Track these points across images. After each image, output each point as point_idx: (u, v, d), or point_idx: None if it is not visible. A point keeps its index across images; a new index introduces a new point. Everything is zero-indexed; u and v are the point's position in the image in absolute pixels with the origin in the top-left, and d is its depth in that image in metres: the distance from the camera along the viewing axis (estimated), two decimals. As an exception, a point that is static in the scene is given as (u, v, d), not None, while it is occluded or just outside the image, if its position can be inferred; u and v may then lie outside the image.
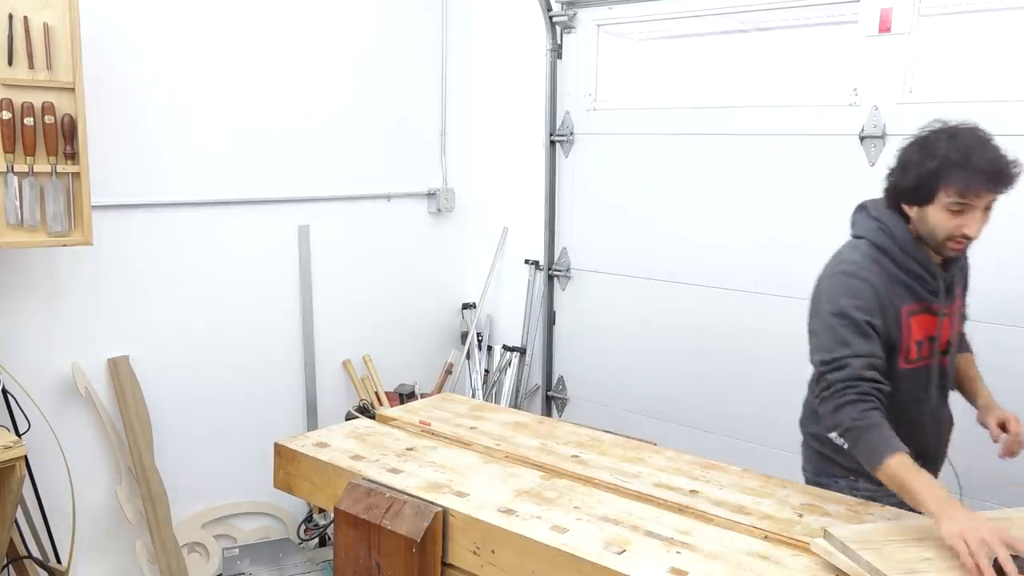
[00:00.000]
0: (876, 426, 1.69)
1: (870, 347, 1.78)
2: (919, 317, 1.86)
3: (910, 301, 1.84)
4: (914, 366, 1.88)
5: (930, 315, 1.86)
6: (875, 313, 1.79)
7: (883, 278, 1.83)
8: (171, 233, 3.05)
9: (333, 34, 3.47)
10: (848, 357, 1.77)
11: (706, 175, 3.25)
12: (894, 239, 1.85)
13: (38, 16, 2.41)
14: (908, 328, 1.85)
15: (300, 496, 2.22)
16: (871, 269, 1.83)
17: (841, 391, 1.75)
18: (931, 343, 1.89)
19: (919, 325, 1.86)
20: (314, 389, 3.58)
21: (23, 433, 2.64)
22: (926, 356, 1.89)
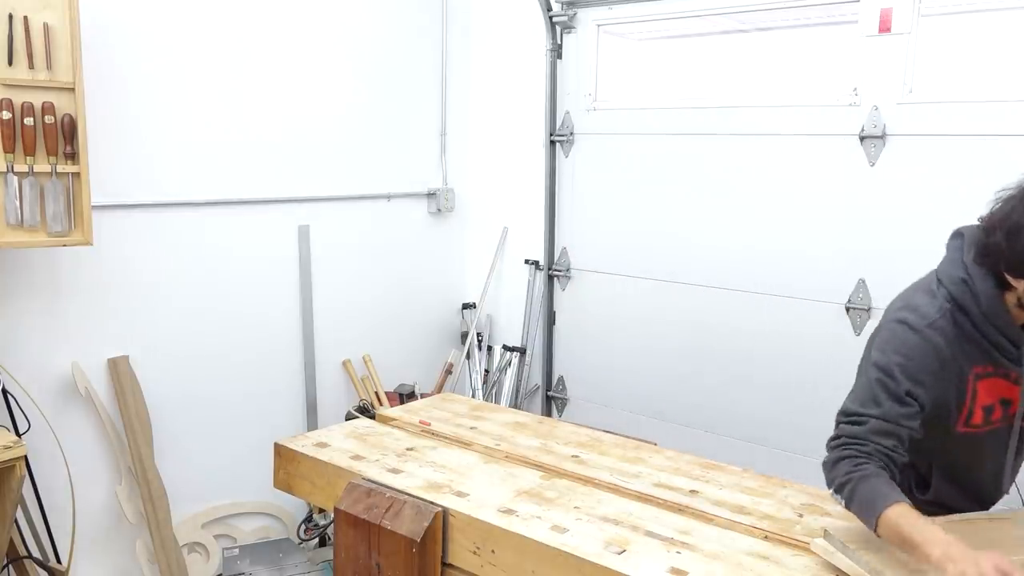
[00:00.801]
0: (872, 477, 1.57)
1: (899, 413, 1.62)
2: (990, 381, 1.68)
3: (982, 363, 1.67)
4: (978, 431, 1.72)
5: (1005, 380, 1.69)
6: (924, 380, 1.63)
7: (952, 336, 1.65)
8: (171, 233, 3.05)
9: (333, 34, 3.47)
10: (871, 417, 1.63)
11: (706, 175, 3.25)
12: (977, 303, 1.63)
13: (38, 16, 2.41)
14: (973, 392, 1.69)
15: (300, 496, 2.22)
16: (938, 326, 1.65)
17: (846, 445, 1.63)
18: (1004, 407, 1.72)
19: (988, 389, 1.69)
20: (314, 389, 3.58)
21: (23, 433, 2.64)
22: (997, 420, 1.73)
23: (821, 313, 2.97)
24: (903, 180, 2.76)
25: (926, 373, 1.63)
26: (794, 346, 3.06)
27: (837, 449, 1.63)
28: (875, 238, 2.83)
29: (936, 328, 1.64)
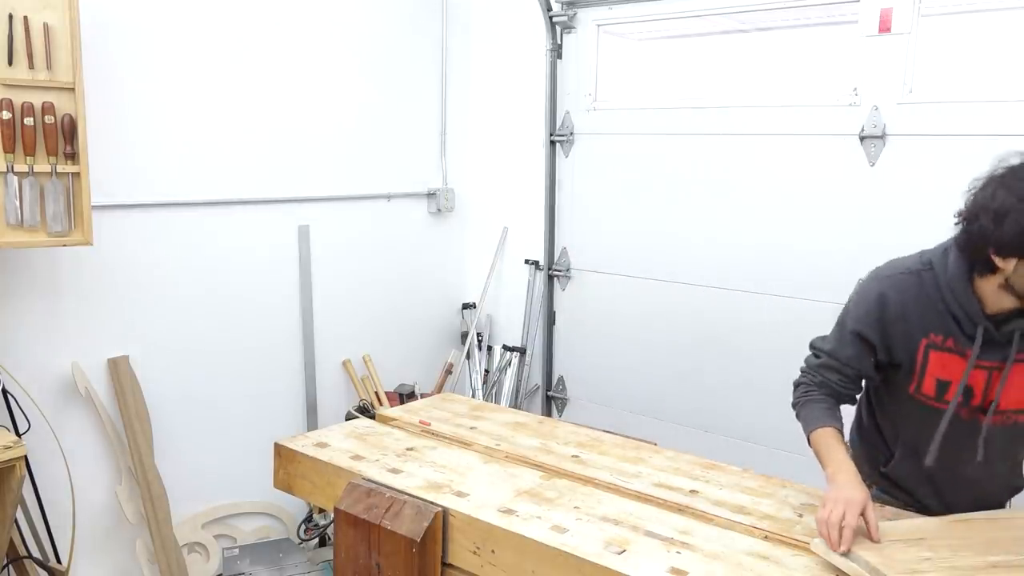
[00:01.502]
0: (814, 403, 1.81)
1: (849, 353, 1.80)
2: (945, 355, 1.71)
3: (938, 332, 1.70)
4: (932, 404, 1.75)
5: (956, 357, 1.70)
6: (873, 325, 1.75)
7: (912, 296, 1.72)
8: (171, 233, 3.05)
9: (333, 34, 3.47)
10: (823, 353, 1.86)
11: (706, 175, 3.25)
12: (946, 270, 1.69)
13: (38, 16, 2.41)
14: (924, 358, 1.73)
15: (300, 496, 2.22)
16: (904, 283, 1.73)
17: (803, 372, 1.90)
18: (967, 395, 1.72)
19: (942, 363, 1.71)
20: (314, 389, 3.58)
21: (23, 433, 2.64)
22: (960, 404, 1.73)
23: (821, 313, 2.96)
24: (903, 180, 2.76)
25: (874, 319, 1.75)
26: (794, 346, 3.05)
27: (800, 375, 1.90)
28: (875, 238, 2.83)
29: (896, 280, 1.74)
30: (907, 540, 1.60)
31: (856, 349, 1.79)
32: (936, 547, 1.58)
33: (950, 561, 1.53)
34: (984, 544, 1.60)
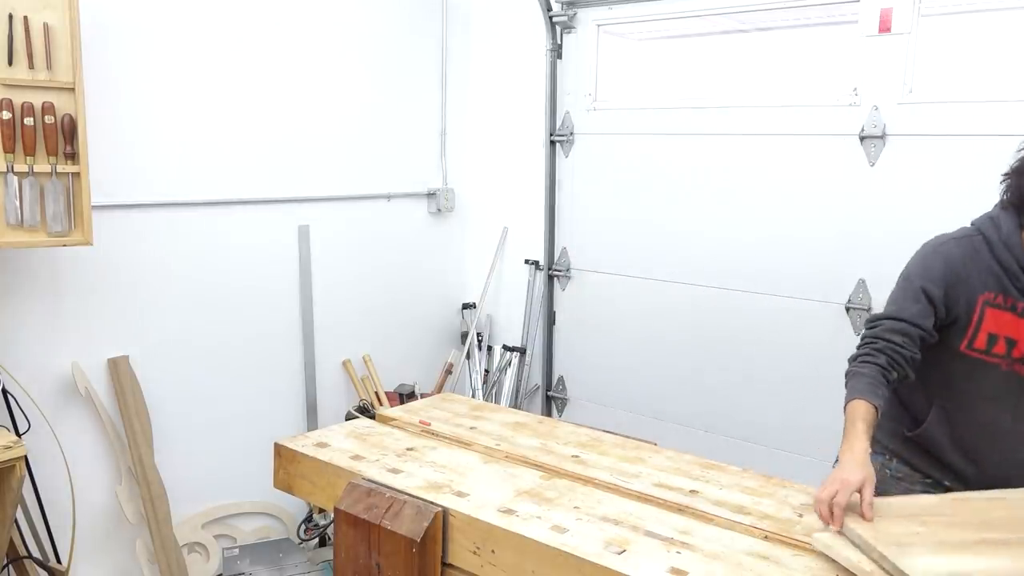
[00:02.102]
0: (862, 376, 1.79)
1: (914, 311, 1.82)
2: (999, 312, 1.80)
3: (994, 290, 1.80)
4: (982, 358, 1.83)
5: (1013, 314, 1.79)
6: (938, 282, 1.82)
7: (969, 257, 1.82)
8: (171, 233, 3.05)
9: (333, 34, 3.47)
10: (886, 317, 1.84)
11: (706, 175, 3.25)
12: (999, 231, 1.81)
13: (38, 16, 2.41)
14: (981, 314, 1.82)
15: (300, 496, 2.22)
16: (958, 246, 1.84)
17: (862, 343, 1.85)
18: (1009, 345, 1.81)
19: (996, 319, 1.81)
20: (314, 389, 3.58)
21: (23, 433, 2.64)
22: (1001, 355, 1.82)
23: (821, 313, 2.97)
24: (903, 180, 2.76)
25: (939, 276, 1.81)
26: (794, 346, 3.06)
27: (859, 346, 1.86)
28: (875, 238, 2.83)
29: (953, 244, 1.85)
30: (902, 516, 1.62)
31: (921, 305, 1.82)
32: (929, 523, 1.59)
33: (940, 536, 1.55)
34: (980, 523, 1.61)
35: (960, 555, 1.50)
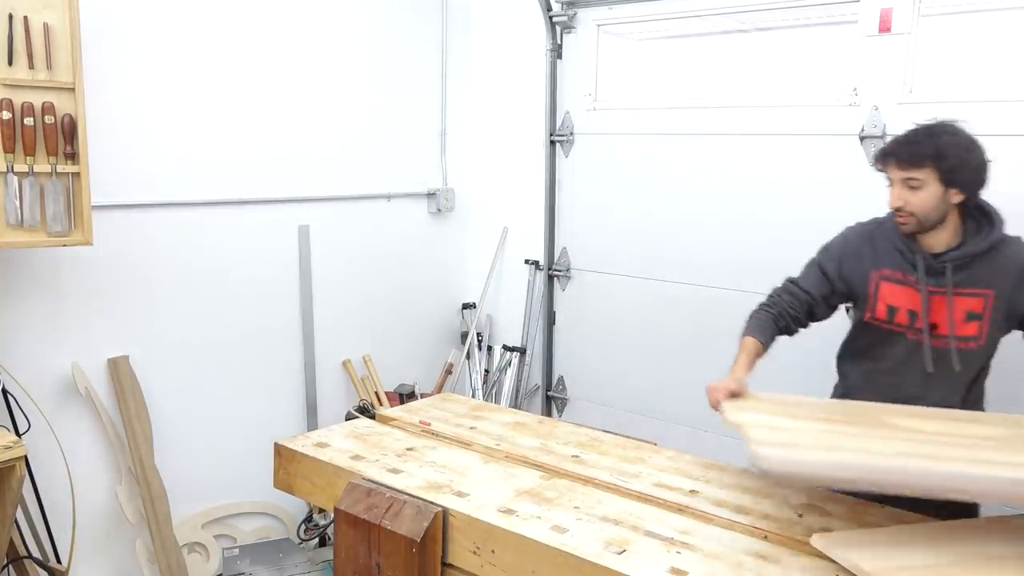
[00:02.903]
0: (756, 319, 2.24)
1: (807, 283, 2.23)
2: (894, 285, 2.10)
3: (887, 267, 2.11)
4: (886, 327, 2.13)
5: (907, 287, 2.07)
6: (835, 260, 2.20)
7: (866, 239, 2.17)
8: (171, 233, 3.05)
9: (333, 34, 3.47)
10: (788, 281, 2.28)
11: (706, 175, 3.25)
12: (890, 215, 2.12)
13: (38, 16, 2.41)
14: (876, 288, 2.13)
15: (300, 496, 2.22)
16: (857, 230, 2.21)
17: (765, 299, 2.29)
18: (911, 316, 2.08)
19: (890, 291, 2.11)
20: (314, 389, 3.58)
21: (23, 433, 2.64)
22: (903, 325, 2.10)
23: (821, 313, 2.97)
24: (903, 180, 2.76)
25: (835, 254, 2.21)
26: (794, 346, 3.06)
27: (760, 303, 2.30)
28: (875, 238, 2.83)
29: (855, 228, 2.22)
30: (780, 403, 2.03)
31: (815, 278, 2.22)
32: (794, 407, 1.98)
33: (788, 411, 1.94)
34: (841, 412, 1.97)
35: (783, 418, 1.91)
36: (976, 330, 2.05)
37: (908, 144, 2.01)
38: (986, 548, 1.57)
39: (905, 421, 1.89)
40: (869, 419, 1.91)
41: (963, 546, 1.58)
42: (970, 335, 2.06)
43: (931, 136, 2.00)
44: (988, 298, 2.03)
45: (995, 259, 2.03)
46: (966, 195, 2.01)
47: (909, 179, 2.00)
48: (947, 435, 1.79)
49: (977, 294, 2.03)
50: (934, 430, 1.82)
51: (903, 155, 2.01)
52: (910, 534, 1.65)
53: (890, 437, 1.77)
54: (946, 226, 2.04)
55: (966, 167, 1.99)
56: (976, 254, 2.02)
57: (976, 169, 2.01)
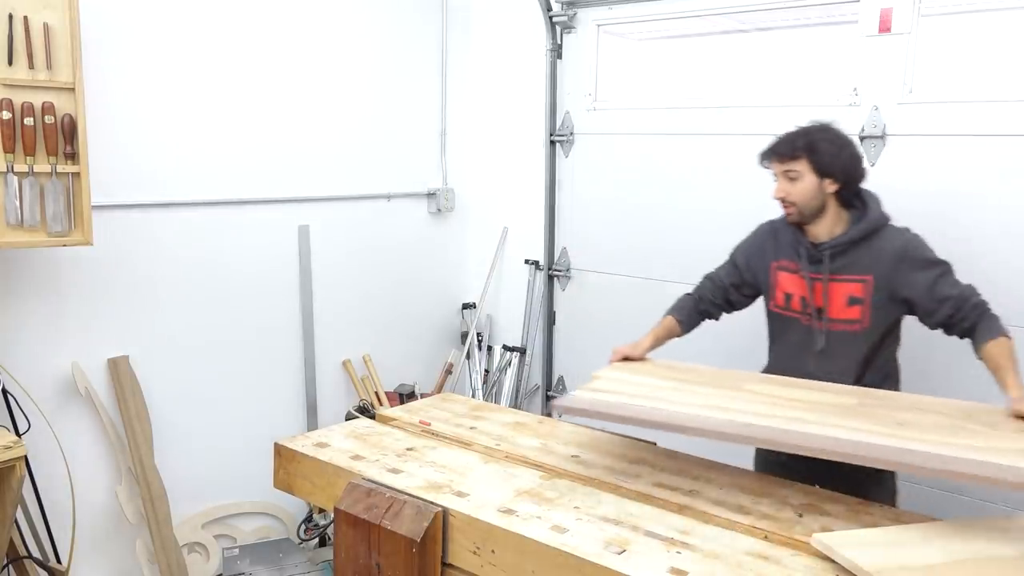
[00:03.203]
0: (678, 301, 2.57)
1: (722, 272, 2.52)
2: (786, 274, 2.33)
3: (784, 258, 2.34)
4: (784, 313, 2.36)
5: (798, 276, 2.29)
6: (743, 253, 2.47)
7: (771, 234, 2.40)
8: (171, 233, 3.05)
9: (333, 34, 3.47)
10: (711, 272, 2.56)
11: (706, 175, 3.24)
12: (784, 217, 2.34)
13: (38, 16, 2.41)
14: (775, 277, 2.37)
15: (300, 496, 2.22)
16: (766, 225, 2.44)
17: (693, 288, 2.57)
18: (803, 302, 2.29)
19: (786, 280, 2.34)
20: (314, 389, 3.58)
21: (23, 433, 2.64)
22: (797, 310, 2.32)
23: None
24: (903, 180, 2.76)
25: (744, 248, 2.48)
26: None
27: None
28: (875, 238, 2.83)
29: (764, 224, 2.45)
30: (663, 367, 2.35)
31: (728, 268, 2.50)
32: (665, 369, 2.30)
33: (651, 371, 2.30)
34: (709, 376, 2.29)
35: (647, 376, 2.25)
36: (859, 314, 2.23)
37: (786, 140, 2.27)
38: (986, 548, 1.57)
39: (760, 387, 2.15)
40: (729, 384, 2.18)
41: (963, 546, 1.58)
42: (853, 318, 2.24)
43: (806, 133, 2.25)
44: (868, 284, 2.20)
45: (873, 246, 2.21)
46: (840, 185, 2.22)
47: (788, 171, 2.24)
48: (789, 399, 2.03)
49: (857, 280, 2.22)
50: (782, 395, 2.07)
51: (782, 149, 2.26)
52: (910, 534, 1.65)
53: (725, 397, 2.05)
54: (827, 216, 2.24)
55: (837, 159, 2.21)
56: (851, 242, 2.21)
57: (847, 161, 2.22)
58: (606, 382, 2.19)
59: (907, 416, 1.92)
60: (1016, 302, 2.58)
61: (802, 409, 1.95)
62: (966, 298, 2.14)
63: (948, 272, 2.18)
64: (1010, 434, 1.79)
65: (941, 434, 1.78)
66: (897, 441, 1.74)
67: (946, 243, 2.68)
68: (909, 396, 2.15)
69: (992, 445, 1.71)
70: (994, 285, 2.60)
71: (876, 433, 1.78)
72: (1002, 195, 2.58)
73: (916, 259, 2.19)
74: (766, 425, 1.84)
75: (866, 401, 2.04)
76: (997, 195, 2.59)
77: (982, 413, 1.95)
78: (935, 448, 1.69)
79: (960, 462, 1.63)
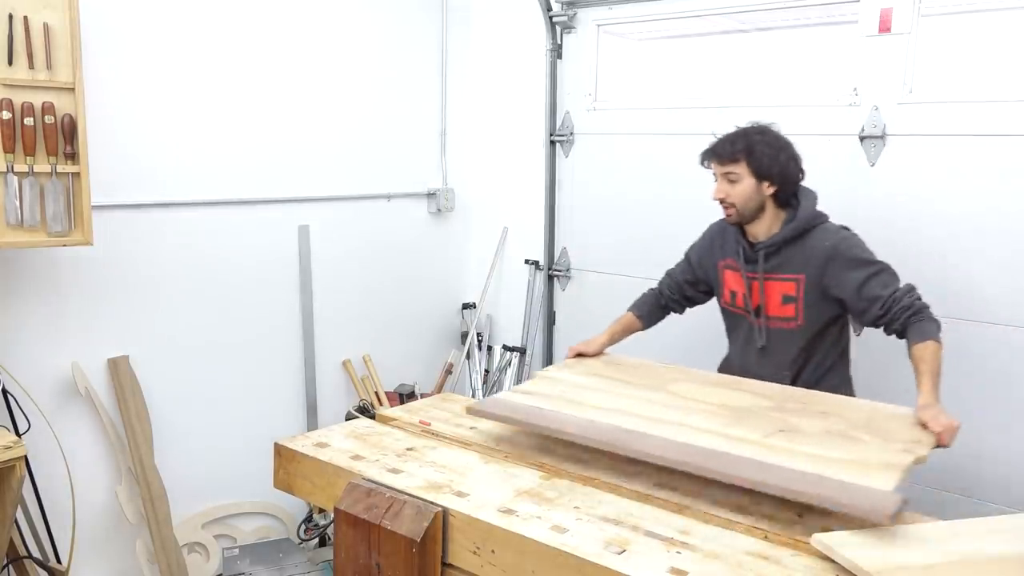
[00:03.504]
0: (640, 296, 2.70)
1: (678, 270, 2.64)
2: (731, 272, 2.44)
3: (729, 257, 2.43)
4: (731, 310, 2.49)
5: (739, 274, 2.40)
6: (695, 251, 2.58)
7: (719, 234, 2.50)
8: (171, 233, 3.05)
9: (333, 34, 3.47)
10: (670, 270, 2.67)
11: (706, 175, 3.24)
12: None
13: (38, 16, 2.41)
14: (723, 276, 2.47)
15: (300, 496, 2.22)
16: (716, 225, 2.53)
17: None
18: (746, 299, 2.39)
19: (731, 278, 2.45)
20: (314, 389, 3.58)
21: (23, 433, 2.64)
22: (741, 307, 2.42)
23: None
24: (903, 180, 2.76)
25: (697, 247, 2.59)
26: (794, 346, 3.06)
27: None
28: (875, 238, 2.81)
29: (714, 224, 2.54)
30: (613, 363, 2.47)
31: (683, 266, 2.61)
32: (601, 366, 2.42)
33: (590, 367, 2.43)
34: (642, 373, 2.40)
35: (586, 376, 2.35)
36: (793, 311, 2.32)
37: (726, 143, 2.32)
38: (986, 548, 1.57)
39: (685, 387, 2.26)
40: (657, 385, 2.29)
41: (963, 546, 1.58)
42: (789, 316, 2.33)
43: (745, 135, 2.30)
44: (800, 282, 2.28)
45: (806, 246, 2.27)
46: (778, 187, 2.28)
47: (728, 173, 2.30)
48: (698, 402, 2.14)
49: (790, 279, 2.30)
50: (697, 397, 2.18)
51: (721, 152, 2.32)
52: (910, 534, 1.65)
53: (638, 399, 2.16)
54: (766, 217, 2.32)
55: (775, 162, 2.26)
56: (784, 242, 2.29)
57: (784, 164, 2.28)
58: (539, 382, 2.30)
59: (805, 422, 1.99)
60: (1016, 302, 2.59)
61: (700, 413, 2.06)
62: (897, 299, 2.16)
63: (881, 272, 2.21)
64: (895, 444, 1.86)
65: (818, 444, 1.86)
66: (758, 451, 1.83)
67: (946, 243, 2.69)
68: (833, 399, 2.21)
69: (860, 458, 1.78)
70: (994, 285, 2.61)
71: (743, 441, 1.88)
72: (1002, 195, 2.58)
73: (846, 258, 2.23)
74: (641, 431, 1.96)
75: (785, 404, 2.11)
76: (997, 195, 2.59)
77: (890, 419, 2.01)
78: (792, 462, 1.77)
79: (781, 481, 1.70)
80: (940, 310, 2.75)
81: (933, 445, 1.89)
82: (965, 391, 2.67)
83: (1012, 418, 2.60)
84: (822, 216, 2.34)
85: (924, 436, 1.93)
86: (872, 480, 1.69)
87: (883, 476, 1.70)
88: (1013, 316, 2.59)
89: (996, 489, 2.62)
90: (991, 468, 2.64)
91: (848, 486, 1.66)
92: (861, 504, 1.60)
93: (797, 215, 2.30)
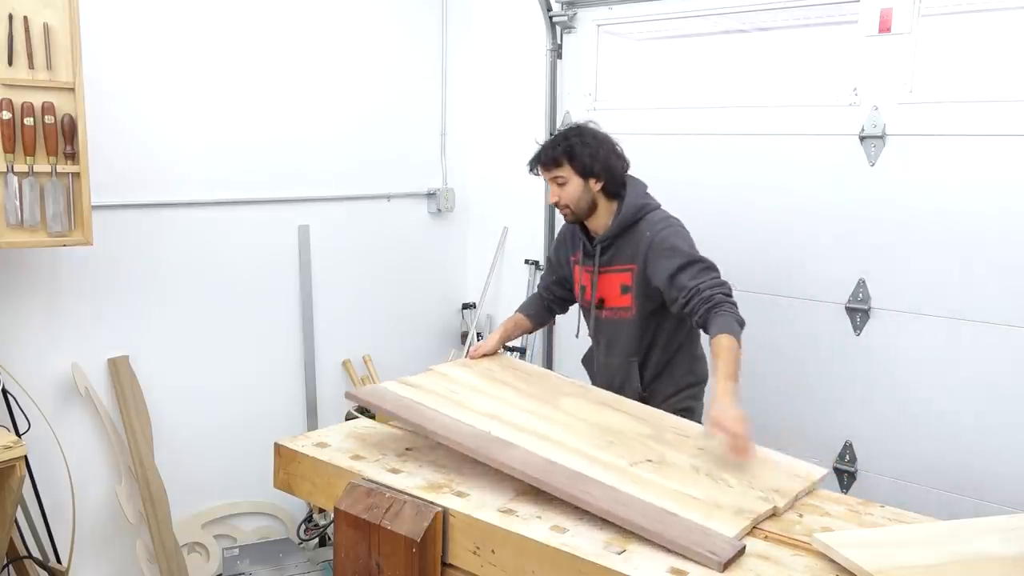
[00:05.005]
0: (528, 297, 2.81)
1: (546, 270, 2.71)
2: (579, 268, 2.53)
3: (579, 252, 2.51)
4: (582, 304, 2.56)
5: (581, 268, 2.49)
6: (553, 251, 2.67)
7: (570, 231, 2.56)
8: (171, 233, 3.05)
9: (333, 34, 3.47)
10: (543, 273, 2.77)
11: (706, 175, 3.24)
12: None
13: (38, 16, 2.41)
14: (574, 272, 2.56)
15: (300, 496, 2.22)
16: (567, 224, 2.55)
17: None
18: (592, 293, 2.47)
19: (579, 273, 2.53)
20: (314, 389, 3.58)
21: (23, 433, 2.64)
22: (588, 301, 2.50)
23: (821, 313, 2.97)
24: (903, 180, 2.76)
25: (555, 245, 2.66)
26: (794, 346, 3.06)
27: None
28: (875, 238, 2.83)
29: (564, 225, 2.59)
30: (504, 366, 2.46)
31: (549, 266, 2.69)
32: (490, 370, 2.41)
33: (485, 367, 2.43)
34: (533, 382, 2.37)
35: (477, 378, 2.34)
36: (629, 301, 2.40)
37: (547, 149, 2.38)
38: (986, 548, 1.57)
39: (569, 402, 2.24)
40: (547, 396, 2.25)
41: (963, 546, 1.58)
42: (625, 306, 2.42)
43: (564, 138, 2.37)
44: (632, 272, 2.37)
45: (636, 235, 2.36)
46: (604, 181, 2.37)
47: (555, 177, 2.38)
48: (578, 420, 2.12)
49: (625, 269, 2.39)
50: (577, 413, 2.16)
51: (545, 159, 2.38)
52: (910, 534, 1.65)
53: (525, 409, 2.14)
54: (600, 211, 2.41)
55: (596, 158, 2.34)
56: (614, 235, 2.38)
57: (605, 158, 2.36)
58: (430, 376, 2.34)
59: (675, 455, 1.96)
60: (1016, 302, 2.59)
61: (576, 432, 2.04)
62: (699, 291, 2.20)
63: (693, 264, 2.25)
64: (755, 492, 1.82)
65: (679, 479, 1.83)
66: (617, 479, 1.80)
67: (946, 243, 2.69)
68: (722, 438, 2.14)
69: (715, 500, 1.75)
70: (994, 285, 2.61)
71: (607, 467, 1.86)
72: (1002, 195, 2.58)
73: (661, 248, 2.31)
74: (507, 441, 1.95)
75: (663, 434, 2.09)
76: (997, 195, 2.59)
77: (764, 465, 1.98)
78: (645, 494, 1.74)
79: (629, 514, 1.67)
80: (940, 310, 2.75)
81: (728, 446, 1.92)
82: (965, 391, 2.67)
83: (1012, 418, 2.60)
84: (648, 206, 2.41)
85: (791, 483, 1.88)
86: (717, 524, 1.64)
87: (730, 521, 1.66)
88: (1013, 316, 2.59)
89: (996, 489, 2.62)
90: (991, 468, 2.64)
91: (691, 527, 1.62)
92: (698, 545, 1.55)
93: (622, 207, 2.38)
